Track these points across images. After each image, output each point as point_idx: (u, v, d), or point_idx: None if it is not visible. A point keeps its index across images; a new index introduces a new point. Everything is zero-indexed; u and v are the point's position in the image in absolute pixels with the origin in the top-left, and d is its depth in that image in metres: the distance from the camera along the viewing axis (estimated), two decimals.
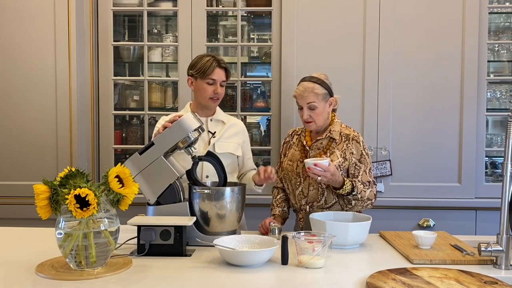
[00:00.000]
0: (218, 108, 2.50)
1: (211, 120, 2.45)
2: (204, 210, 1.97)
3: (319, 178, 2.11)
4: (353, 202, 2.23)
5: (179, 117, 2.00)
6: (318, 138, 2.32)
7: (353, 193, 2.20)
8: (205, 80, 2.35)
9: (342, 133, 2.32)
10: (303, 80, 2.32)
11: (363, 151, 2.29)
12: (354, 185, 2.21)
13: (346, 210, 2.27)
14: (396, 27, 3.03)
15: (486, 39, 3.04)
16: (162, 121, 2.40)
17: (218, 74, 2.35)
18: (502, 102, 3.25)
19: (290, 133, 2.50)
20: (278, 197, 2.43)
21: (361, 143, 2.30)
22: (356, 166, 2.27)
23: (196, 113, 2.37)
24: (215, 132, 2.39)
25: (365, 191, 2.23)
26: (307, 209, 2.30)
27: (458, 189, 3.04)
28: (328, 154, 2.28)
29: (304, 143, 2.35)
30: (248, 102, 3.29)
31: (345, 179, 2.19)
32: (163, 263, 1.70)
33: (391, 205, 3.03)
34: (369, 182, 2.27)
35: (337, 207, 2.29)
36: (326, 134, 2.31)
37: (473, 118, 3.03)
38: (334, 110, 2.40)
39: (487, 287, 1.44)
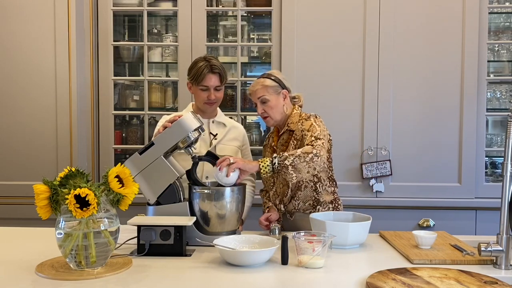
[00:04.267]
0: (219, 110, 2.50)
1: (212, 122, 2.45)
2: (204, 210, 1.97)
3: (230, 159, 1.96)
4: (290, 167, 1.99)
5: (179, 117, 2.00)
6: (280, 134, 2.31)
7: (274, 156, 2.01)
8: (199, 86, 2.36)
9: (299, 122, 2.25)
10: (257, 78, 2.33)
11: (314, 123, 2.17)
12: (274, 155, 2.04)
13: (296, 209, 2.25)
14: (396, 27, 3.03)
15: (486, 39, 3.04)
16: (164, 120, 2.40)
17: (211, 80, 2.33)
18: (502, 102, 3.25)
19: (267, 135, 2.50)
20: (267, 195, 2.43)
21: (312, 118, 2.20)
22: (303, 137, 2.16)
23: (198, 114, 2.37)
24: (216, 134, 2.39)
25: (295, 151, 2.03)
26: (282, 208, 2.31)
27: (458, 189, 3.04)
28: (291, 147, 2.21)
29: (273, 144, 2.35)
30: (248, 102, 3.29)
31: (260, 159, 2.04)
32: (163, 263, 1.70)
33: (391, 205, 3.03)
34: (310, 142, 2.07)
35: (307, 193, 2.25)
36: (285, 128, 2.28)
37: (473, 118, 3.03)
38: (300, 106, 2.35)
39: (487, 287, 1.44)
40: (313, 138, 2.11)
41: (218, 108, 2.50)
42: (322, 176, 2.30)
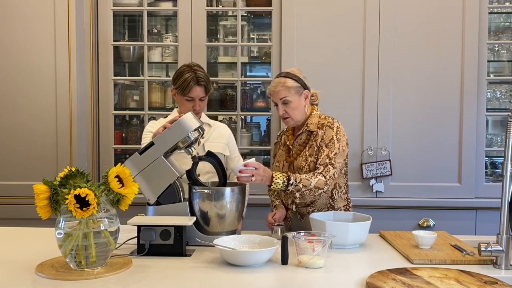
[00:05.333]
0: (202, 114, 2.53)
1: None
2: (204, 210, 1.96)
3: (253, 178, 2.01)
4: (298, 194, 2.14)
5: (179, 117, 2.01)
6: (297, 134, 2.29)
7: (290, 182, 2.08)
8: (184, 97, 2.38)
9: (319, 124, 2.25)
10: (276, 76, 2.30)
11: (335, 136, 2.19)
12: (290, 175, 2.09)
13: (297, 204, 2.26)
14: (396, 27, 3.03)
15: (486, 39, 3.04)
16: (150, 127, 2.45)
17: (196, 92, 2.36)
18: (502, 102, 3.25)
19: (279, 133, 2.49)
20: (275, 193, 2.43)
21: (334, 128, 2.21)
22: (321, 150, 2.19)
23: None
24: (203, 133, 2.40)
25: (308, 180, 2.10)
26: (293, 209, 2.31)
27: (458, 189, 3.04)
28: (307, 148, 2.24)
29: (288, 142, 2.34)
30: (248, 102, 3.29)
31: (274, 172, 2.10)
32: (163, 263, 1.70)
33: (391, 205, 3.04)
34: (324, 164, 2.15)
35: (323, 201, 2.27)
36: (304, 128, 2.26)
37: (473, 118, 3.03)
38: (316, 105, 2.36)
39: (487, 287, 1.44)
40: (327, 161, 2.15)
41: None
42: (339, 182, 2.29)
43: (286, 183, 2.08)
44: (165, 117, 2.61)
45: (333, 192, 2.27)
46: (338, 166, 2.18)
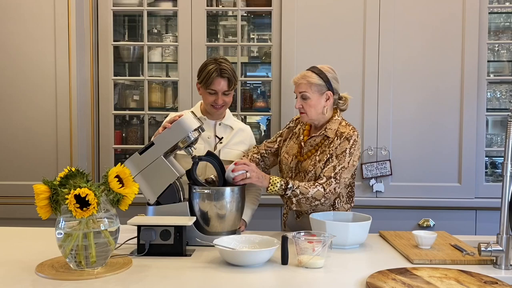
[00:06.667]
0: (228, 112, 2.45)
1: (219, 124, 2.39)
2: (204, 210, 1.96)
3: (247, 174, 1.99)
4: (294, 199, 2.05)
5: (179, 117, 2.00)
6: (313, 135, 2.20)
7: (289, 186, 2.03)
8: (207, 89, 2.29)
9: (338, 131, 2.16)
10: (307, 69, 2.22)
11: (348, 150, 2.11)
12: (288, 180, 2.07)
13: (306, 212, 2.17)
14: (395, 26, 3.03)
15: (486, 39, 3.04)
16: (169, 117, 2.34)
17: (219, 85, 2.26)
18: (502, 102, 3.25)
19: (295, 119, 2.38)
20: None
21: (351, 141, 2.12)
22: (330, 159, 2.12)
23: (205, 116, 2.36)
24: (222, 137, 2.36)
25: (307, 188, 2.04)
26: (293, 208, 2.26)
27: (458, 189, 3.04)
28: (319, 152, 2.16)
29: (301, 138, 2.25)
30: (248, 102, 3.29)
31: (271, 175, 2.07)
32: (163, 263, 1.70)
33: (391, 205, 3.03)
34: (328, 177, 2.08)
35: (324, 208, 2.19)
36: (321, 132, 2.18)
37: (473, 118, 3.03)
38: (343, 110, 2.28)
39: (487, 287, 1.44)
40: (331, 174, 2.08)
41: (227, 110, 2.44)
42: (342, 192, 2.23)
43: (284, 187, 2.04)
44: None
45: (336, 201, 2.22)
46: (342, 181, 2.11)
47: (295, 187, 2.04)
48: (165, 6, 3.27)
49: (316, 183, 2.07)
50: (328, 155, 2.13)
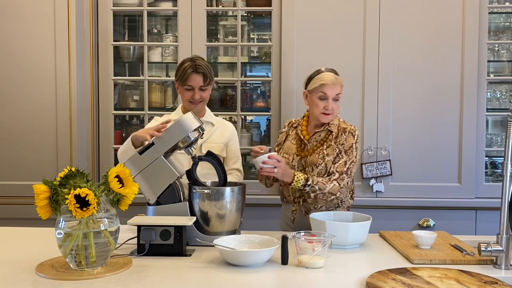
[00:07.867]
0: (207, 110, 2.52)
1: None
2: (204, 210, 1.96)
3: (275, 169, 2.10)
4: (312, 194, 2.19)
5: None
6: (317, 131, 2.33)
7: (308, 183, 2.16)
8: (184, 86, 2.39)
9: (340, 127, 2.32)
10: (326, 71, 2.32)
11: (354, 145, 2.28)
12: (308, 176, 2.19)
13: (314, 207, 2.28)
14: (395, 26, 3.03)
15: (486, 39, 3.04)
16: (151, 125, 2.41)
17: (195, 81, 2.36)
18: (502, 102, 3.25)
19: (287, 124, 2.50)
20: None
21: (355, 137, 2.30)
22: (339, 155, 2.26)
23: None
24: (203, 133, 2.38)
25: (324, 184, 2.18)
26: (301, 202, 2.30)
27: (458, 189, 3.04)
28: (325, 146, 2.28)
29: (302, 137, 2.35)
30: (248, 102, 3.29)
31: (295, 171, 2.19)
32: (163, 263, 1.70)
33: (391, 205, 3.03)
34: (340, 172, 2.23)
35: (329, 204, 2.30)
36: (325, 127, 2.31)
37: (473, 118, 3.03)
38: None
39: (487, 287, 1.44)
40: (344, 169, 2.23)
41: (206, 108, 2.51)
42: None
43: (304, 183, 2.16)
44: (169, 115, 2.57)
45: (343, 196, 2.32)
46: (352, 175, 2.29)
47: (314, 183, 2.17)
48: (165, 6, 3.27)
49: (332, 179, 2.21)
50: (337, 150, 2.27)
